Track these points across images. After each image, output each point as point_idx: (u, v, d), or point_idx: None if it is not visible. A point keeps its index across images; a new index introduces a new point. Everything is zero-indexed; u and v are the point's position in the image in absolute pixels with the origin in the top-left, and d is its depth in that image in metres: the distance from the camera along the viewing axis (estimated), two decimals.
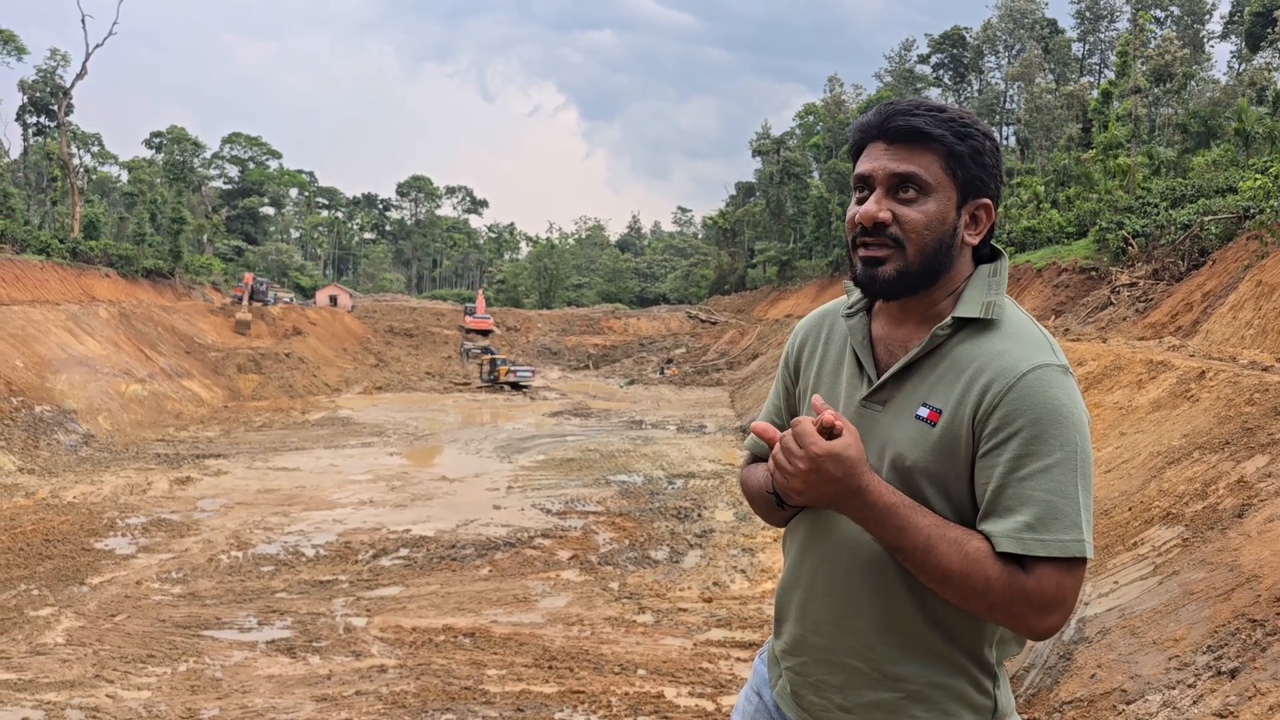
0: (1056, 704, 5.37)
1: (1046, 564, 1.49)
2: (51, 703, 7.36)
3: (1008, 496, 1.52)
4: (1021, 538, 1.49)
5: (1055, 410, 1.52)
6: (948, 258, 1.67)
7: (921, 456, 1.61)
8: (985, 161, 1.66)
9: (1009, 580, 1.49)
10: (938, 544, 1.53)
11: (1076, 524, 1.49)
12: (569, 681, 7.81)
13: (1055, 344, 1.62)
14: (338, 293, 67.18)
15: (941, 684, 1.65)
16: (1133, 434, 9.36)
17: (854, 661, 1.70)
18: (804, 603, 1.79)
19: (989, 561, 1.51)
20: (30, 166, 59.54)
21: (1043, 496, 1.50)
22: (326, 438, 23.55)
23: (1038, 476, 1.51)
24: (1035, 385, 1.54)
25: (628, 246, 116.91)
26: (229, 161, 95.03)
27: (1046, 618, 1.51)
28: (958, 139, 1.63)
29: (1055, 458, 1.51)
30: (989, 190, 1.68)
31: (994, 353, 1.59)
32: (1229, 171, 26.54)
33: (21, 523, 13.41)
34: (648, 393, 39.20)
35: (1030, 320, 1.66)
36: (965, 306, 1.64)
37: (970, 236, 1.68)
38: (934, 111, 1.65)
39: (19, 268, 31.49)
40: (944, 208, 1.64)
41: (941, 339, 1.64)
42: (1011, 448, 1.52)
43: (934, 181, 1.63)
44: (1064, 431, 1.52)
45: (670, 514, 14.62)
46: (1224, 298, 15.54)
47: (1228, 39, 58.61)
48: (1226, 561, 5.68)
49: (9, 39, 53.92)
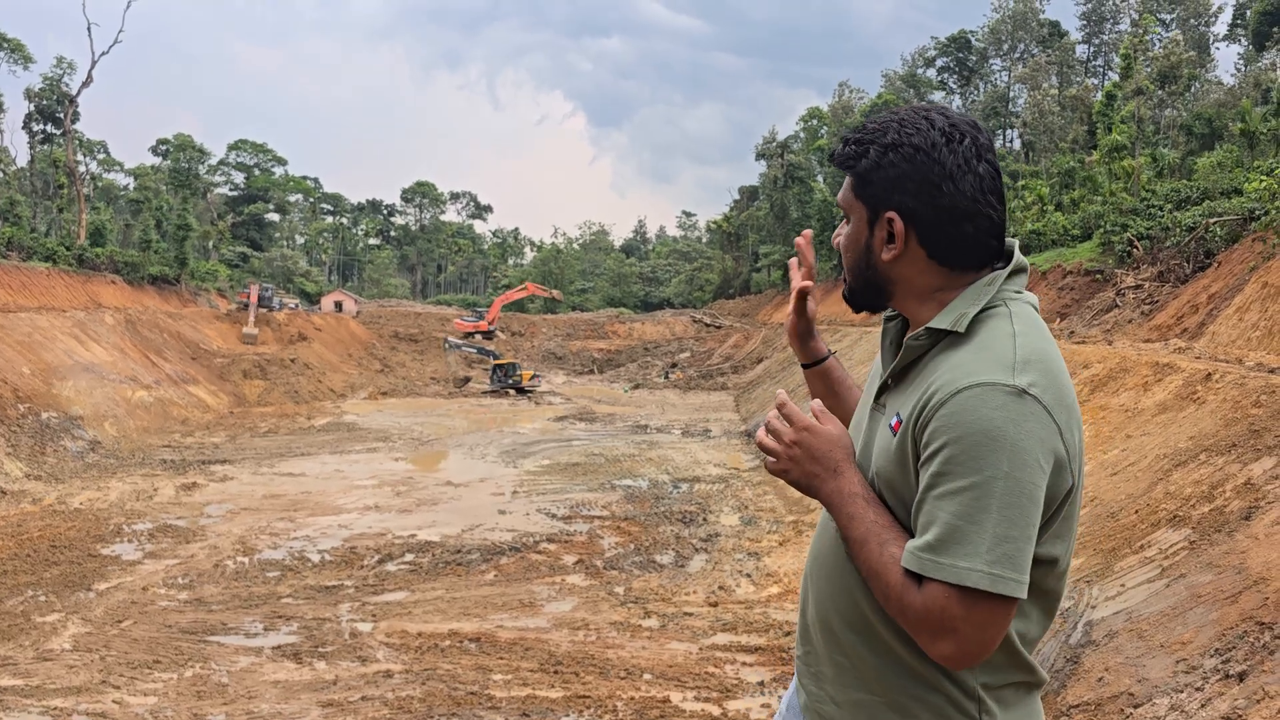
0: (1064, 708, 5.35)
1: (935, 585, 1.45)
2: (58, 709, 7.37)
3: (923, 513, 1.49)
4: (919, 556, 1.46)
5: (982, 431, 1.44)
6: (876, 275, 1.68)
7: (885, 465, 1.61)
8: (874, 178, 1.64)
9: (902, 593, 1.48)
10: (870, 540, 1.54)
11: (977, 553, 1.42)
12: (575, 686, 7.80)
13: (1030, 362, 1.51)
14: (343, 298, 67.32)
15: (917, 696, 1.62)
16: (1139, 437, 9.33)
17: (840, 658, 1.71)
18: (805, 596, 1.83)
19: (894, 570, 1.50)
20: (36, 174, 59.73)
21: (948, 519, 1.44)
22: (332, 443, 23.57)
23: (949, 498, 1.45)
24: (967, 403, 1.47)
25: (632, 251, 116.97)
26: (235, 168, 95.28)
27: (937, 643, 1.47)
28: (855, 160, 1.65)
29: (970, 480, 1.44)
30: (891, 202, 1.63)
31: (950, 365, 1.55)
32: (1234, 173, 26.48)
33: (28, 529, 13.44)
34: (652, 397, 39.19)
35: (1014, 334, 1.55)
36: (941, 317, 1.62)
37: (886, 252, 1.65)
38: (855, 134, 1.68)
39: (25, 275, 31.58)
40: (856, 229, 1.69)
41: (918, 350, 1.63)
42: (934, 464, 1.48)
43: (847, 205, 1.70)
44: (988, 454, 1.43)
45: (675, 518, 14.61)
46: (1230, 300, 15.50)
47: (1235, 41, 58.54)
48: (1234, 564, 5.66)
49: (15, 48, 54.18)
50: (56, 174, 50.61)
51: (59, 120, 53.90)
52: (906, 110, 1.66)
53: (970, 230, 1.62)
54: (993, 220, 1.63)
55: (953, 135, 1.61)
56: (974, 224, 1.62)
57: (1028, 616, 1.59)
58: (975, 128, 1.64)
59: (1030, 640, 1.62)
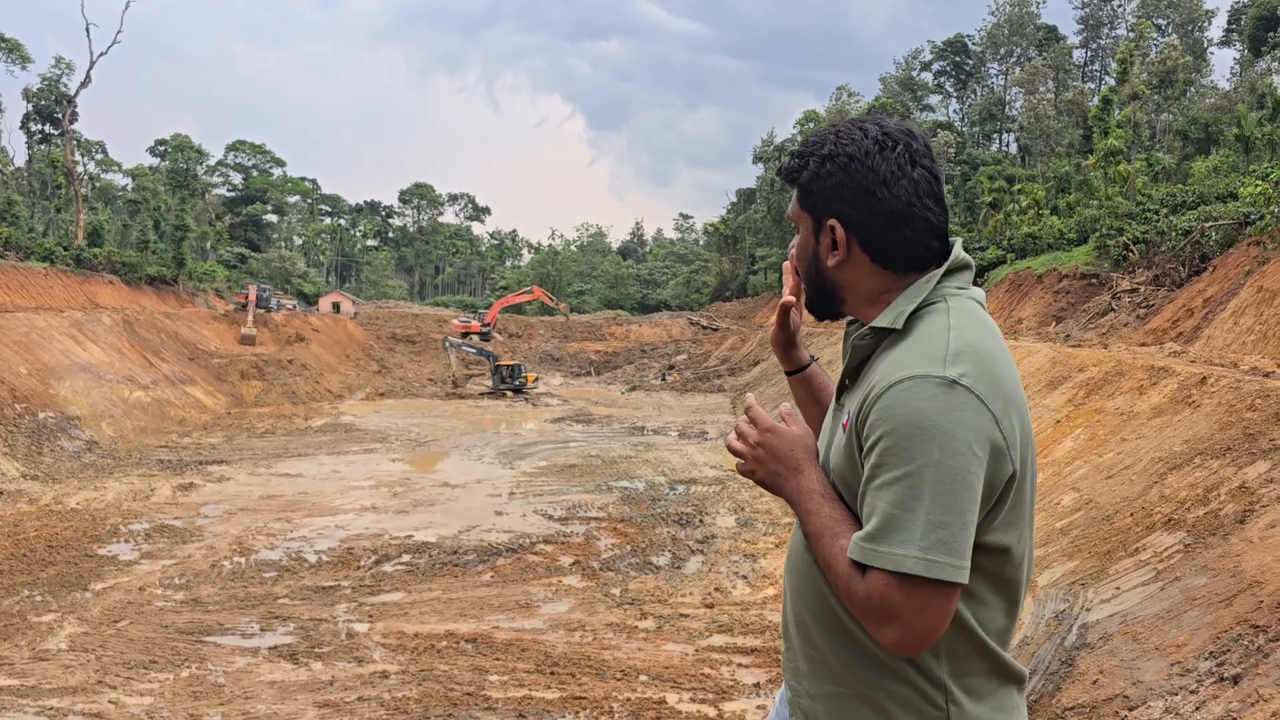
0: (1059, 710, 5.37)
1: (875, 573, 1.50)
2: (54, 709, 7.37)
3: (865, 504, 1.55)
4: (861, 545, 1.52)
5: (912, 422, 1.50)
6: (825, 281, 1.77)
7: (838, 462, 1.68)
8: (814, 188, 1.72)
9: (849, 583, 1.54)
10: (824, 534, 1.61)
11: (912, 539, 1.47)
12: (571, 687, 7.81)
13: (962, 354, 1.55)
14: (340, 299, 67.30)
15: (884, 687, 1.66)
16: (1134, 440, 9.36)
17: (812, 652, 1.77)
18: (784, 594, 1.90)
19: (843, 560, 1.56)
20: (34, 174, 59.68)
21: (885, 508, 1.50)
22: (329, 444, 23.56)
23: (885, 488, 1.51)
24: (899, 396, 1.52)
25: (630, 253, 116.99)
26: (233, 169, 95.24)
27: (882, 629, 1.52)
28: (798, 172, 1.74)
29: (904, 470, 1.49)
30: (831, 210, 1.71)
31: (888, 362, 1.61)
32: (1229, 178, 26.56)
33: (25, 529, 13.43)
34: (649, 399, 39.20)
35: (949, 328, 1.61)
36: (882, 316, 1.69)
37: (830, 258, 1.73)
38: (795, 153, 1.78)
39: (23, 275, 31.55)
40: (805, 239, 1.79)
41: (865, 349, 1.71)
42: (872, 457, 1.54)
43: (794, 217, 1.79)
44: (920, 445, 1.49)
45: (672, 520, 14.62)
46: (1225, 304, 15.54)
47: (1230, 45, 58.70)
48: (1228, 567, 5.68)
49: (14, 48, 54.13)
50: (54, 174, 50.58)
51: (57, 120, 53.84)
52: (844, 123, 1.75)
53: (909, 234, 1.68)
54: (931, 223, 1.69)
55: (885, 143, 1.67)
56: (912, 227, 1.68)
57: (989, 605, 1.63)
58: (910, 135, 1.70)
59: (996, 630, 1.65)
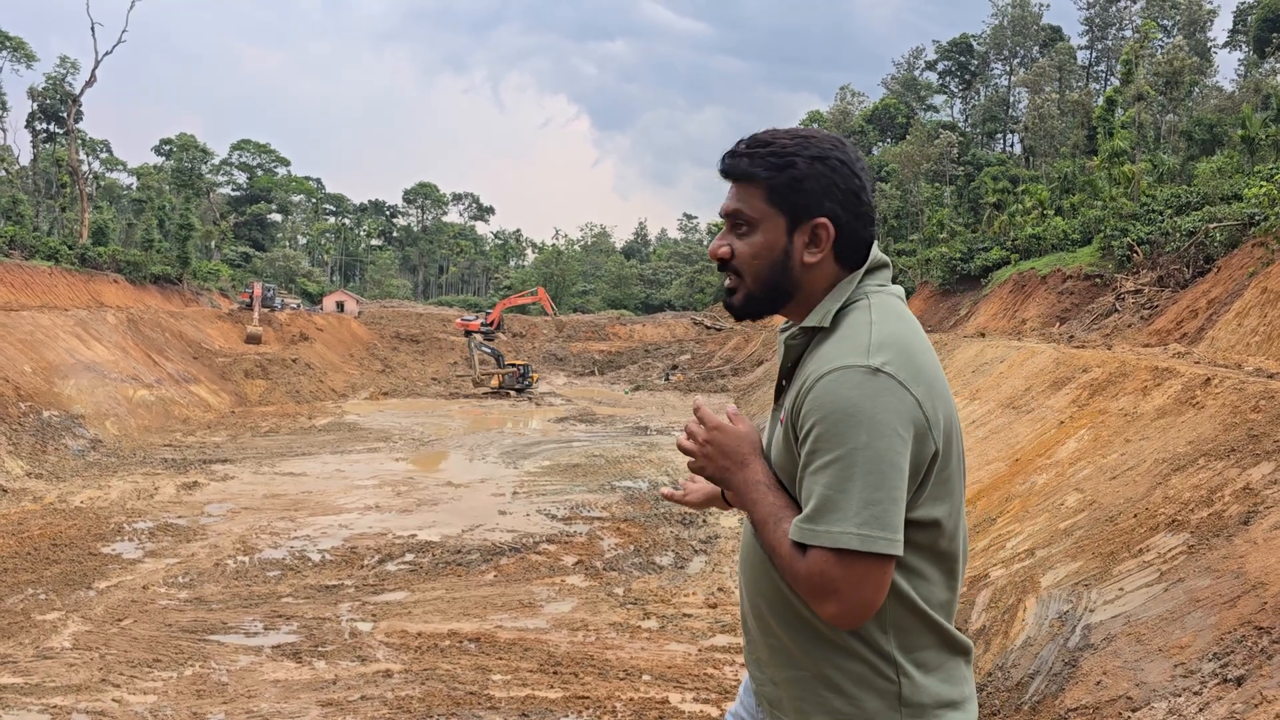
0: (1062, 711, 5.37)
1: (814, 551, 1.59)
2: (58, 707, 7.38)
3: (803, 490, 1.65)
4: (801, 527, 1.62)
5: (841, 409, 1.60)
6: (789, 279, 1.81)
7: (777, 456, 1.77)
8: (808, 186, 1.76)
9: (791, 563, 1.63)
10: (769, 521, 1.70)
11: (847, 517, 1.56)
12: (574, 687, 7.82)
13: (884, 344, 1.66)
14: (345, 299, 67.41)
15: (839, 666, 1.74)
16: (1138, 441, 9.35)
17: (770, 640, 1.85)
18: (740, 587, 1.98)
19: (785, 543, 1.65)
20: (39, 173, 59.81)
21: (820, 490, 1.60)
22: (333, 443, 23.59)
23: (820, 472, 1.61)
24: (828, 386, 1.63)
25: (634, 253, 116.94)
26: (237, 168, 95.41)
27: (822, 604, 1.61)
28: (776, 171, 1.76)
29: (836, 454, 1.59)
30: (823, 209, 1.77)
31: (817, 357, 1.72)
32: (1234, 179, 26.49)
33: (29, 527, 13.46)
34: (653, 399, 39.20)
35: (871, 322, 1.72)
36: (811, 316, 1.78)
37: (810, 255, 1.79)
38: (756, 148, 1.80)
39: (28, 273, 31.63)
40: (771, 237, 1.79)
41: (796, 348, 1.80)
42: (806, 445, 1.64)
43: (757, 215, 1.79)
44: (849, 429, 1.59)
45: (675, 520, 14.63)
46: (1229, 305, 15.51)
47: (1236, 47, 58.58)
48: (1232, 569, 5.67)
49: (18, 46, 54.28)
50: (59, 173, 50.76)
51: (62, 119, 53.98)
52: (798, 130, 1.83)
53: (867, 235, 1.82)
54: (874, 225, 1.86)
55: (855, 153, 1.83)
56: (870, 229, 1.82)
57: (928, 579, 1.73)
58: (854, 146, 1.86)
59: (939, 603, 1.75)
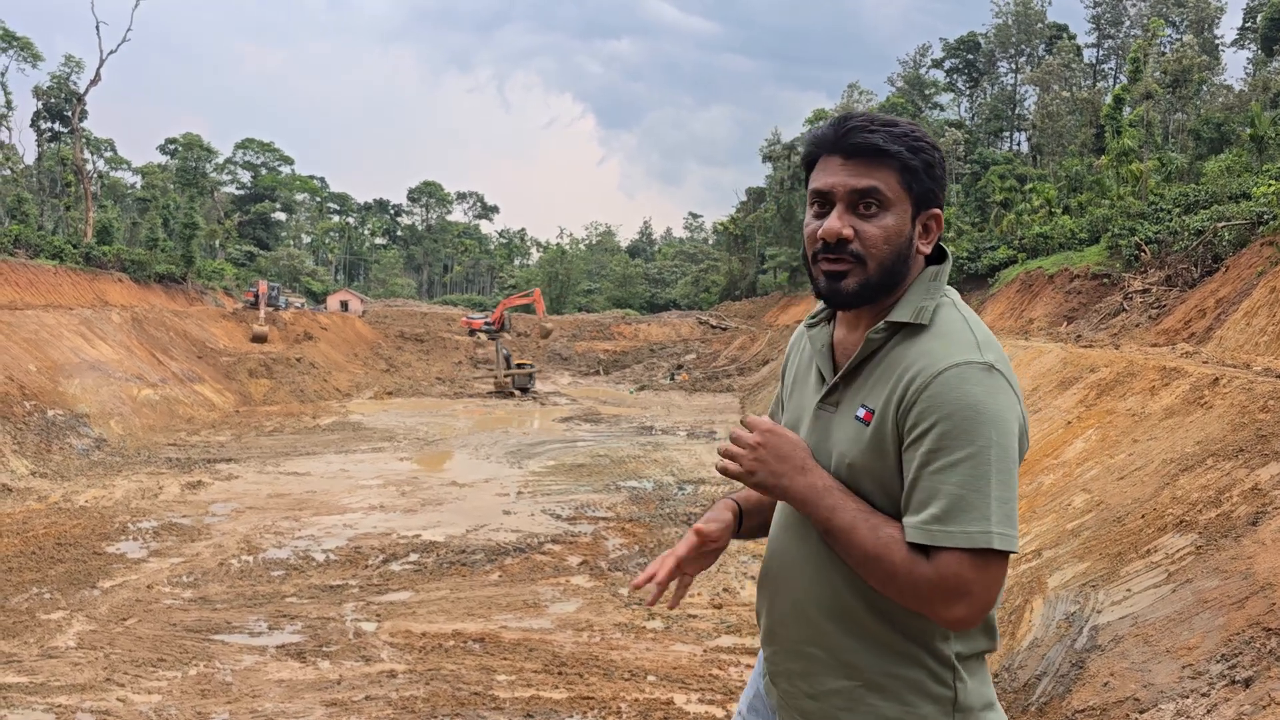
0: (1069, 712, 5.33)
1: (947, 553, 1.53)
2: (62, 706, 7.38)
3: (921, 490, 1.58)
4: (929, 529, 1.55)
5: (968, 406, 1.56)
6: (904, 268, 1.75)
7: (859, 454, 1.69)
8: (936, 174, 1.74)
9: (910, 567, 1.56)
10: (859, 526, 1.62)
11: (986, 517, 1.52)
12: (578, 687, 7.80)
13: (987, 342, 1.66)
14: (349, 298, 67.50)
15: (896, 674, 1.68)
16: (1145, 441, 9.30)
17: (813, 650, 1.78)
18: (772, 594, 1.90)
19: (897, 547, 1.58)
20: (44, 172, 59.89)
21: (951, 490, 1.54)
22: (337, 443, 23.60)
23: (948, 470, 1.56)
24: (950, 382, 1.59)
25: (638, 252, 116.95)
26: (241, 167, 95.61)
27: (952, 607, 1.55)
28: (911, 153, 1.70)
29: (966, 452, 1.55)
30: (938, 201, 1.76)
31: (920, 352, 1.66)
32: (1242, 177, 26.39)
33: (33, 526, 13.48)
34: (658, 398, 39.17)
35: (966, 320, 1.70)
36: (899, 311, 1.73)
37: (923, 246, 1.76)
38: (888, 126, 1.71)
39: (32, 272, 31.70)
40: (901, 221, 1.72)
41: (878, 342, 1.73)
42: (926, 443, 1.58)
43: (892, 195, 1.71)
44: (977, 427, 1.55)
45: (680, 520, 14.60)
46: (1238, 304, 15.45)
47: (1244, 46, 58.41)
48: (1241, 570, 5.63)
49: (24, 46, 54.37)
50: (64, 172, 50.89)
51: (67, 118, 54.08)
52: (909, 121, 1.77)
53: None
54: None
55: None
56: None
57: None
58: None
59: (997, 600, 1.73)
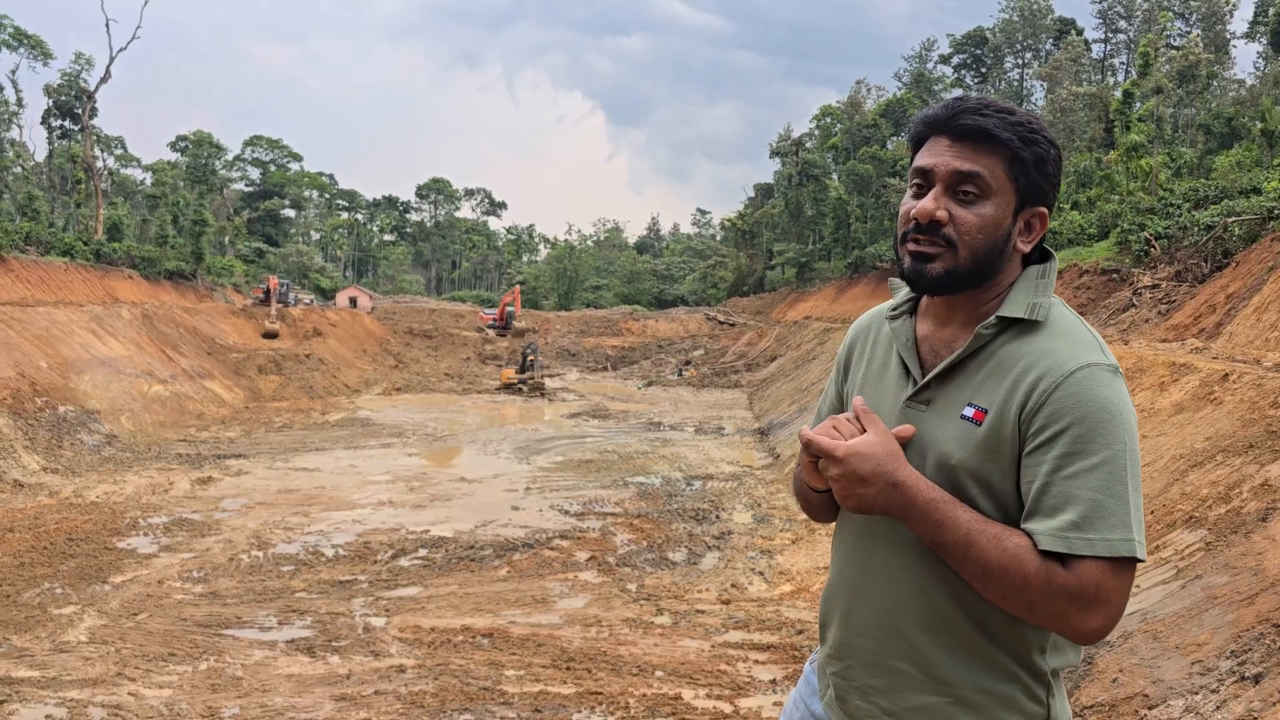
0: (1078, 709, 5.33)
1: (1088, 562, 1.46)
2: (74, 700, 7.43)
3: (1053, 495, 1.50)
4: (1067, 536, 1.47)
5: (1103, 409, 1.50)
6: (998, 261, 1.65)
7: (967, 455, 1.59)
8: (1047, 170, 1.64)
9: (1047, 577, 1.47)
10: (978, 539, 1.52)
11: (1126, 523, 1.47)
12: (587, 682, 7.81)
13: (1104, 344, 1.59)
14: (358, 294, 67.57)
15: (990, 690, 1.61)
16: (1155, 437, 9.27)
17: (900, 664, 1.68)
18: (849, 606, 1.78)
19: (1028, 557, 1.49)
20: (55, 169, 60.13)
21: (1089, 495, 1.47)
22: (346, 438, 23.67)
23: (1085, 475, 1.48)
24: (1083, 383, 1.52)
25: (646, 248, 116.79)
26: (250, 164, 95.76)
27: (1089, 618, 1.47)
28: (1024, 144, 1.61)
29: (1103, 456, 1.48)
30: (1047, 199, 1.65)
31: (1042, 351, 1.57)
32: (1253, 172, 26.25)
33: (45, 522, 13.55)
34: (666, 394, 39.17)
35: (1080, 321, 1.63)
36: (1011, 307, 1.63)
37: (1023, 244, 1.67)
38: (1003, 113, 1.62)
39: (43, 269, 31.81)
40: (1001, 212, 1.62)
41: (986, 339, 1.63)
42: (1058, 446, 1.51)
43: (995, 184, 1.61)
44: (1112, 430, 1.49)
45: (688, 516, 14.61)
46: (1248, 300, 15.37)
47: (1255, 40, 58.05)
48: (1250, 566, 5.62)
49: (36, 44, 54.57)
50: (74, 169, 51.01)
51: (77, 116, 54.22)
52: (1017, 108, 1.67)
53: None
54: None
55: None
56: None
57: None
58: None
59: None
